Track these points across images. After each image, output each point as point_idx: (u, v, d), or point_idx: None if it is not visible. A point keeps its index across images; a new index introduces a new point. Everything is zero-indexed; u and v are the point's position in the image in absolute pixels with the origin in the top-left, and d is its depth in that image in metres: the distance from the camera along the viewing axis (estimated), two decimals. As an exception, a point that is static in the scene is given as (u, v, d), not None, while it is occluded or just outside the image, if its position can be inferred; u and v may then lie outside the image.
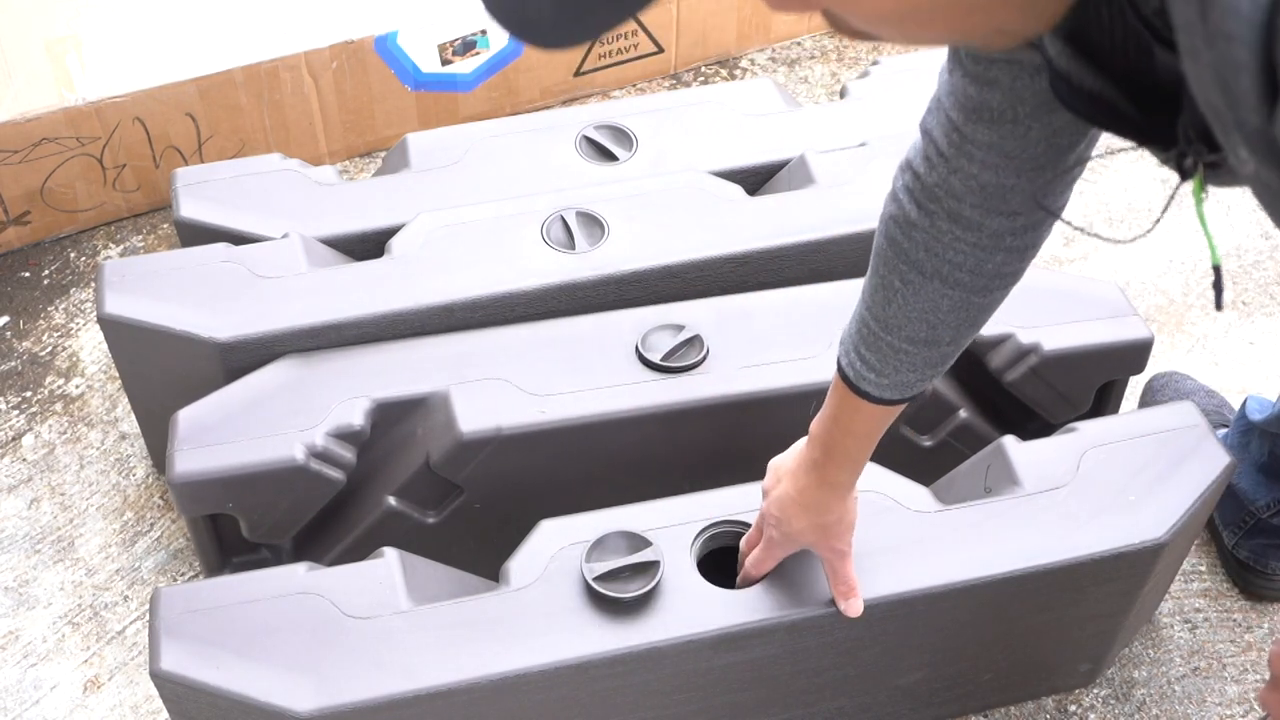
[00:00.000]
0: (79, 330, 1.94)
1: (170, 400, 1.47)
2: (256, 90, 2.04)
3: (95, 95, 1.95)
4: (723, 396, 1.44)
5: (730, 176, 1.72)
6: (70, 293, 2.00)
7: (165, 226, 2.10)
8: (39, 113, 1.92)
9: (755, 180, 1.75)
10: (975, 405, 1.56)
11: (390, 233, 1.62)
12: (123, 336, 1.53)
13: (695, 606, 1.25)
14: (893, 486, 1.35)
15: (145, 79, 1.98)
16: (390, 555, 1.28)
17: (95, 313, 1.56)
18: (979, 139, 0.92)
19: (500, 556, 1.30)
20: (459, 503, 1.46)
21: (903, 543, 1.31)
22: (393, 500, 1.45)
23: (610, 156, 1.75)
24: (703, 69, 2.40)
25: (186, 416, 1.42)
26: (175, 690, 1.20)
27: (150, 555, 1.68)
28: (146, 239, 2.08)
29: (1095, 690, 1.56)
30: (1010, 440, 1.40)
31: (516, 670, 1.21)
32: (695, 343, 1.48)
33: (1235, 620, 1.63)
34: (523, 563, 1.28)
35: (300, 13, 2.13)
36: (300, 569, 1.27)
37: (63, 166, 1.99)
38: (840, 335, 1.12)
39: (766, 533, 1.24)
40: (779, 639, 1.28)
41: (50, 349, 1.92)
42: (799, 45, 2.45)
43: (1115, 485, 1.36)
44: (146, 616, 1.57)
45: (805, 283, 1.59)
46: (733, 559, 1.32)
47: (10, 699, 1.54)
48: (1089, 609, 1.40)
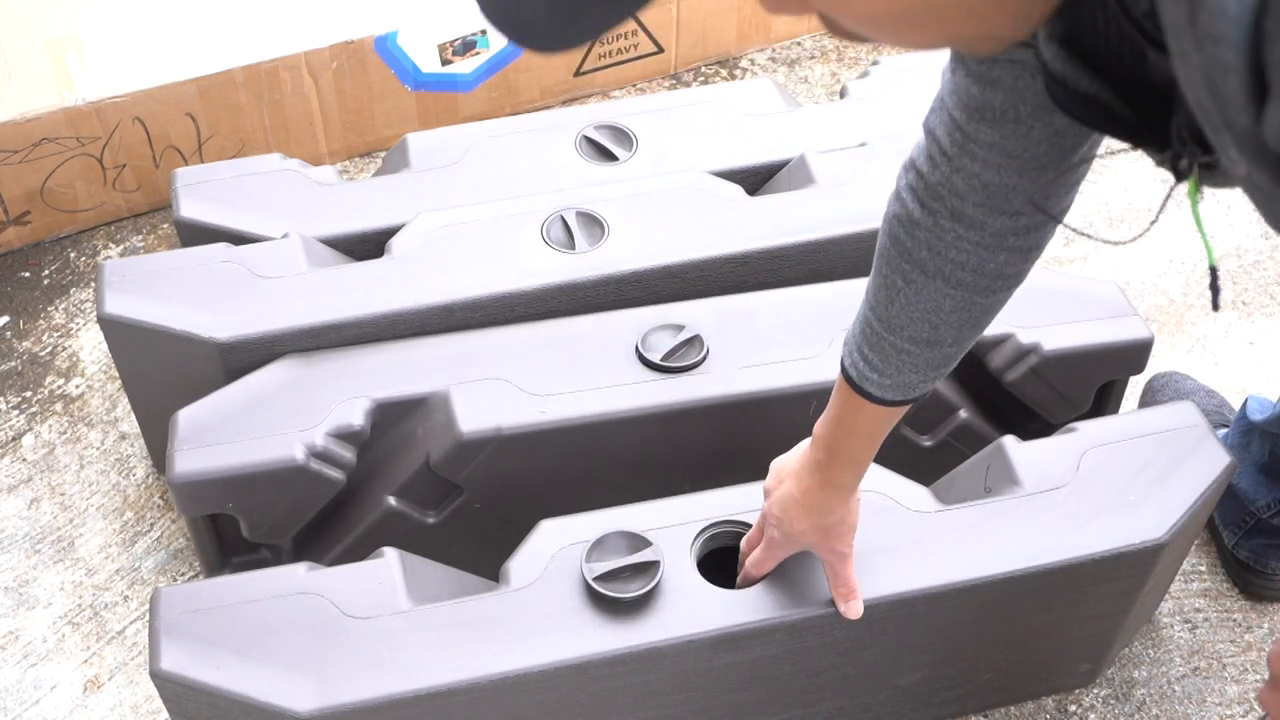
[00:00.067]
0: (79, 330, 1.94)
1: (170, 400, 1.47)
2: (256, 90, 2.04)
3: (95, 95, 1.95)
4: (723, 397, 1.44)
5: (730, 176, 1.72)
6: (70, 293, 2.00)
7: (165, 226, 2.10)
8: (39, 113, 1.92)
9: (755, 180, 1.75)
10: (975, 405, 1.56)
11: (390, 233, 1.62)
12: (123, 336, 1.53)
13: (695, 606, 1.25)
14: (893, 487, 1.35)
15: (145, 79, 1.98)
16: (390, 555, 1.28)
17: (95, 313, 1.56)
18: (981, 138, 0.92)
19: (500, 556, 1.30)
20: (459, 503, 1.46)
21: (903, 543, 1.31)
22: (393, 500, 1.45)
23: (610, 156, 1.75)
24: (703, 69, 2.40)
25: (186, 416, 1.42)
26: (175, 690, 1.20)
27: (150, 555, 1.68)
28: (146, 239, 2.08)
29: (1095, 690, 1.56)
30: (1010, 440, 1.40)
31: (516, 670, 1.21)
32: (695, 343, 1.48)
33: (1235, 620, 1.63)
34: (523, 563, 1.28)
35: (300, 13, 2.13)
36: (300, 569, 1.27)
37: (63, 166, 1.99)
38: (844, 335, 1.12)
39: (768, 533, 1.24)
40: (779, 639, 1.27)
41: (50, 349, 1.92)
42: (799, 45, 2.45)
43: (1115, 485, 1.36)
44: (146, 616, 1.57)
45: (805, 283, 1.59)
46: (733, 559, 1.32)
47: (10, 699, 1.54)
48: (1089, 609, 1.40)
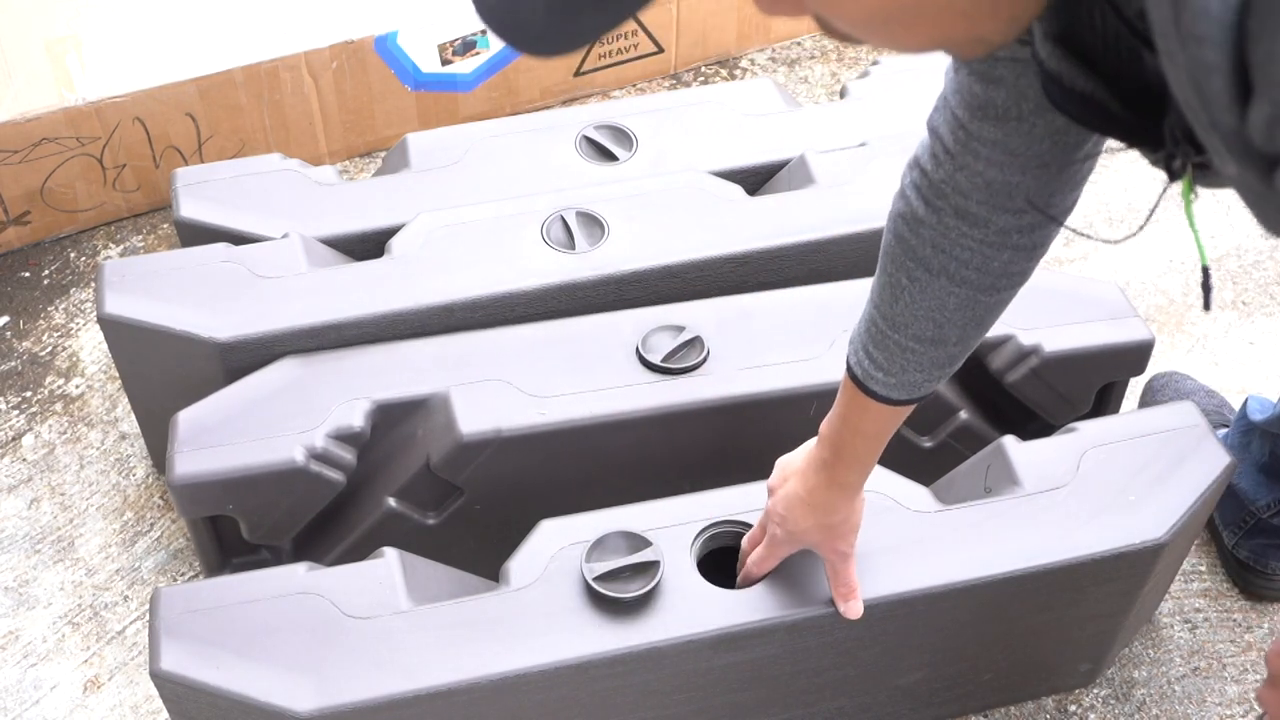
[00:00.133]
0: (79, 330, 1.94)
1: (170, 400, 1.47)
2: (256, 90, 2.04)
3: (95, 95, 1.95)
4: (723, 398, 1.44)
5: (730, 176, 1.72)
6: (70, 293, 2.00)
7: (165, 226, 2.10)
8: (39, 113, 1.92)
9: (755, 180, 1.75)
10: (975, 406, 1.56)
11: (390, 233, 1.62)
12: (123, 336, 1.53)
13: (695, 606, 1.25)
14: (893, 487, 1.35)
15: (145, 79, 1.98)
16: (390, 555, 1.28)
17: (95, 313, 1.56)
18: (984, 136, 0.93)
19: (500, 557, 1.30)
20: (459, 504, 1.46)
21: (903, 543, 1.31)
22: (393, 502, 1.45)
23: (610, 156, 1.75)
24: (703, 69, 2.40)
25: (186, 418, 1.42)
26: (175, 690, 1.20)
27: (150, 555, 1.68)
28: (146, 239, 2.08)
29: (1095, 690, 1.56)
30: (1010, 440, 1.40)
31: (516, 670, 1.21)
32: (696, 344, 1.48)
33: (1235, 620, 1.63)
34: (523, 563, 1.28)
35: (300, 13, 2.13)
36: (300, 569, 1.27)
37: (63, 166, 1.99)
38: (846, 336, 1.12)
39: (770, 531, 1.24)
40: (779, 639, 1.27)
41: (50, 349, 1.92)
42: (799, 45, 2.45)
43: (1115, 485, 1.36)
44: (146, 616, 1.57)
45: (805, 283, 1.59)
46: (733, 559, 1.32)
47: (10, 699, 1.54)
48: (1089, 609, 1.40)
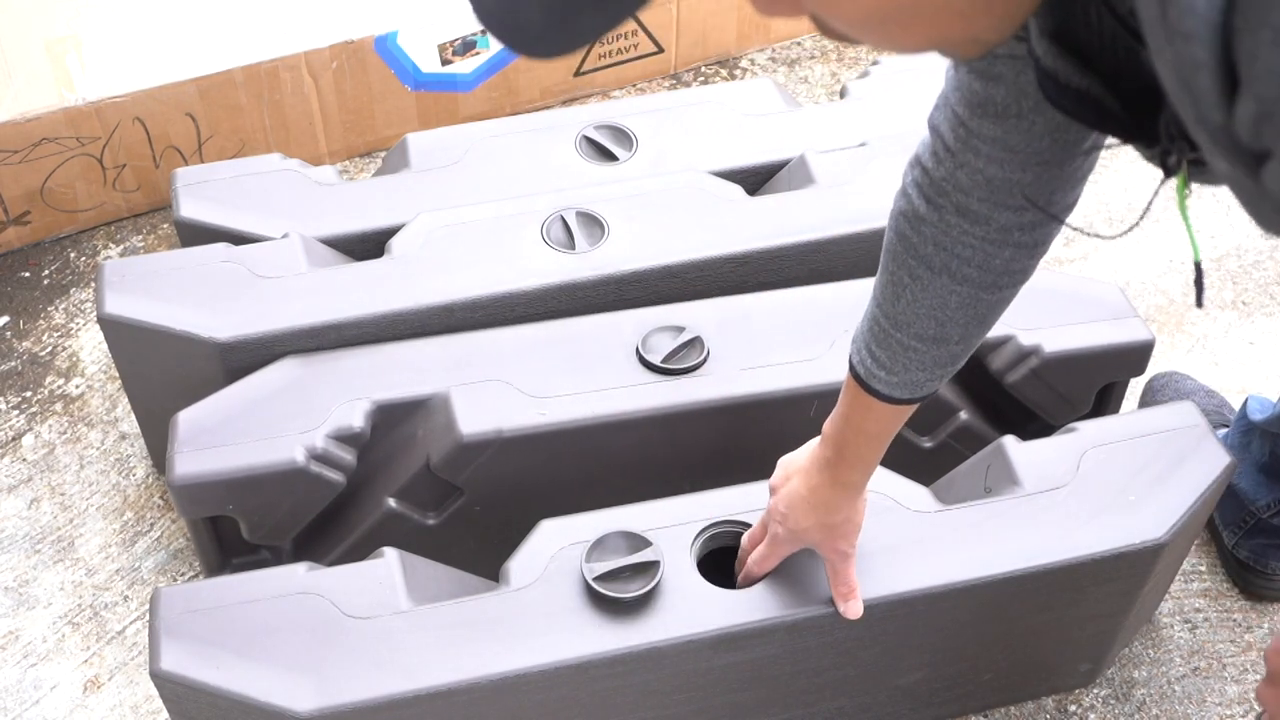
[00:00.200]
0: (79, 330, 1.94)
1: (170, 400, 1.47)
2: (256, 90, 2.04)
3: (95, 95, 1.95)
4: (723, 399, 1.44)
5: (730, 176, 1.72)
6: (70, 293, 2.00)
7: (165, 226, 2.10)
8: (39, 113, 1.92)
9: (755, 180, 1.75)
10: (975, 406, 1.56)
11: (390, 233, 1.62)
12: (123, 336, 1.53)
13: (695, 606, 1.25)
14: (893, 486, 1.35)
15: (145, 79, 1.98)
16: (390, 555, 1.28)
17: (95, 313, 1.56)
18: (984, 133, 0.93)
19: (500, 558, 1.30)
20: (459, 504, 1.46)
21: (903, 543, 1.31)
22: (393, 502, 1.45)
23: (610, 156, 1.75)
24: (703, 69, 2.40)
25: (186, 418, 1.42)
26: (175, 690, 1.20)
27: (150, 555, 1.68)
28: (146, 239, 2.08)
29: (1095, 690, 1.56)
30: (1010, 440, 1.40)
31: (516, 670, 1.21)
32: (696, 344, 1.48)
33: (1235, 620, 1.63)
34: (523, 563, 1.28)
35: (300, 13, 2.13)
36: (300, 569, 1.27)
37: (63, 166, 1.99)
38: (846, 336, 1.12)
39: (771, 530, 1.24)
40: (779, 639, 1.27)
41: (50, 349, 1.92)
42: (799, 45, 2.45)
43: (1115, 485, 1.36)
44: (146, 616, 1.57)
45: (805, 283, 1.59)
46: (733, 559, 1.32)
47: (10, 699, 1.54)
48: (1089, 609, 1.40)
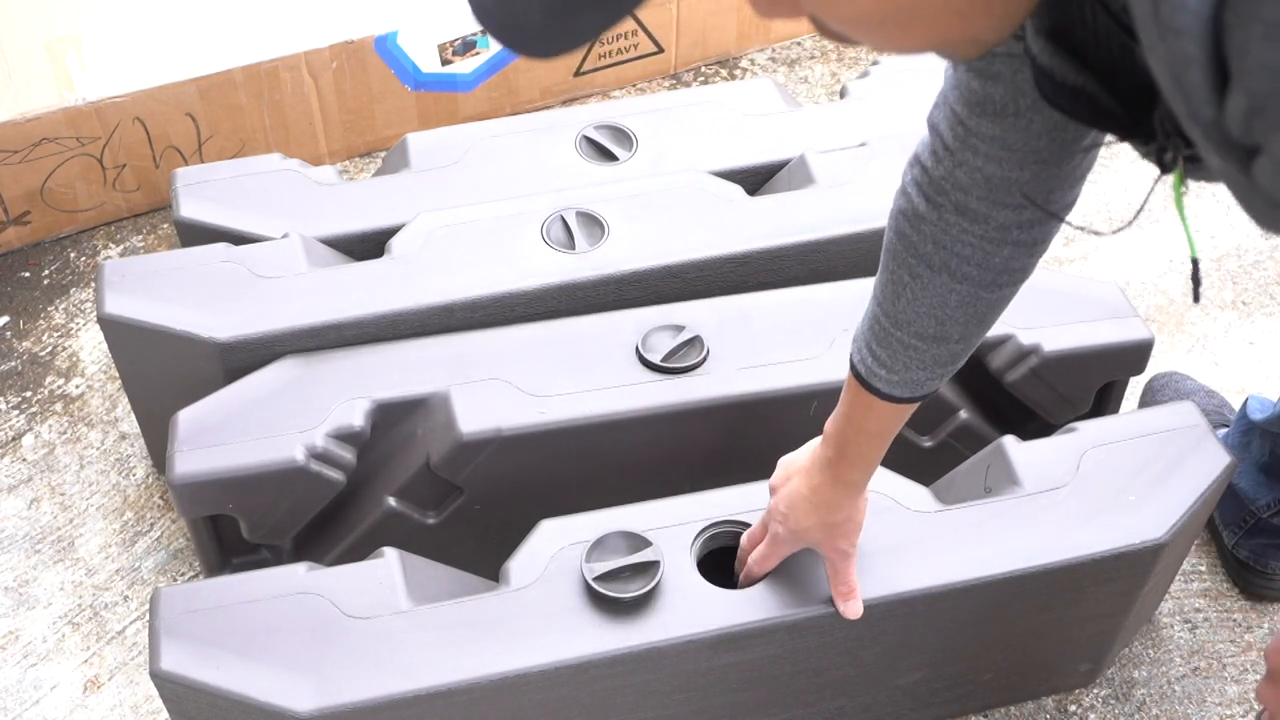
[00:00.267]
0: (79, 330, 1.94)
1: (170, 400, 1.47)
2: (256, 90, 2.04)
3: (95, 95, 1.95)
4: (723, 398, 1.44)
5: (730, 176, 1.72)
6: (70, 293, 2.00)
7: (165, 226, 2.10)
8: (39, 113, 1.92)
9: (755, 180, 1.75)
10: (975, 406, 1.56)
11: (390, 233, 1.62)
12: (123, 336, 1.53)
13: (695, 606, 1.25)
14: (893, 486, 1.35)
15: (145, 79, 1.98)
16: (390, 555, 1.28)
17: (95, 313, 1.56)
18: (982, 132, 0.93)
19: (500, 557, 1.30)
20: (459, 503, 1.46)
21: (903, 543, 1.31)
22: (393, 501, 1.45)
23: (610, 156, 1.75)
24: (703, 69, 2.40)
25: (186, 417, 1.42)
26: (175, 690, 1.20)
27: (150, 555, 1.68)
28: (146, 239, 2.08)
29: (1095, 690, 1.56)
30: (1010, 440, 1.40)
31: (516, 670, 1.21)
32: (695, 343, 1.48)
33: (1235, 620, 1.63)
34: (523, 563, 1.28)
35: (300, 13, 2.13)
36: (300, 569, 1.27)
37: (63, 166, 1.99)
38: (846, 336, 1.12)
39: (772, 529, 1.24)
40: (779, 639, 1.27)
41: (50, 349, 1.92)
42: (799, 45, 2.45)
43: (1115, 485, 1.36)
44: (146, 616, 1.57)
45: (805, 283, 1.59)
46: (733, 559, 1.32)
47: (10, 699, 1.54)
48: (1089, 609, 1.39)
